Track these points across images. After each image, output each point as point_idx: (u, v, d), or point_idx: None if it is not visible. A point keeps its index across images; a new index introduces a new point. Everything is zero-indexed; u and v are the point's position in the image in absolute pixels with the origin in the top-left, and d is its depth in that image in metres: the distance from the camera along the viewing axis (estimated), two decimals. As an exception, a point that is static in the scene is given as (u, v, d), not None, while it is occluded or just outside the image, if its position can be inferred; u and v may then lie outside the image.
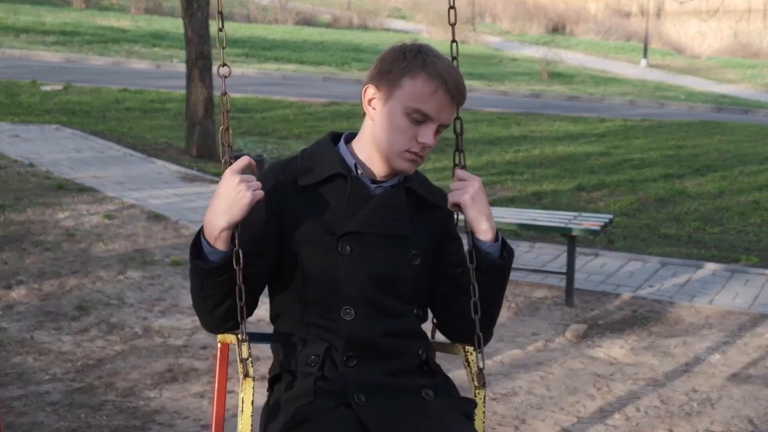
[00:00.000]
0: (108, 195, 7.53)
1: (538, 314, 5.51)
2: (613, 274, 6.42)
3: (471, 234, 2.04)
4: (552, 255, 6.87)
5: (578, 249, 6.59)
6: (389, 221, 2.03)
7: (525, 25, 39.04)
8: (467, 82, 2.09)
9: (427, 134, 2.00)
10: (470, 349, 2.13)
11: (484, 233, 2.03)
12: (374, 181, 2.08)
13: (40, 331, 4.68)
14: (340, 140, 2.13)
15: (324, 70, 21.97)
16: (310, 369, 1.98)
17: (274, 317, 2.11)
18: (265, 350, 4.36)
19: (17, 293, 5.18)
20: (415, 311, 2.09)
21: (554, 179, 10.37)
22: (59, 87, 14.10)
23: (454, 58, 2.08)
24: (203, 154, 10.09)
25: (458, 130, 2.11)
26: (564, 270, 5.75)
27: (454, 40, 2.12)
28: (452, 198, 2.02)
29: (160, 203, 7.41)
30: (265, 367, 3.97)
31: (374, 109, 2.03)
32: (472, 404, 2.09)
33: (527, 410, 4.06)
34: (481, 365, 2.07)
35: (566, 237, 5.68)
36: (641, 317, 5.51)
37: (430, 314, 2.21)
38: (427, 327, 2.19)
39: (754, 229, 8.44)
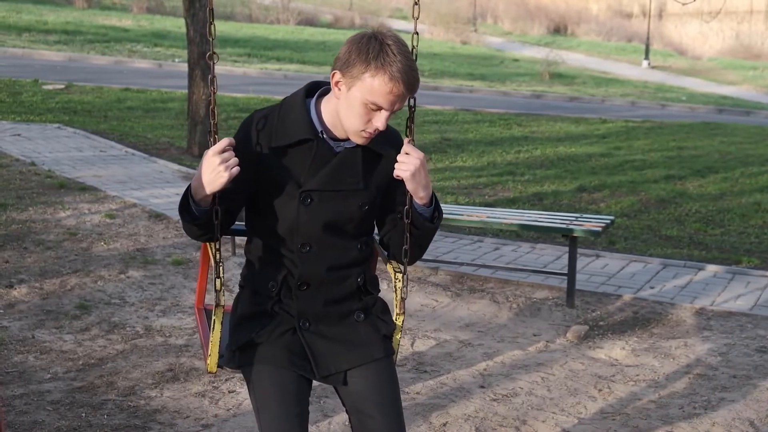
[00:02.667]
0: (109, 194, 7.54)
1: (539, 315, 5.50)
2: (615, 275, 6.42)
3: (410, 196, 2.43)
4: (553, 256, 6.87)
5: (579, 250, 6.59)
6: (345, 178, 2.42)
7: (526, 26, 39.07)
8: (469, 83, 2.16)
9: (380, 121, 2.32)
10: (399, 277, 2.57)
11: (421, 199, 2.42)
12: (336, 139, 2.42)
13: (42, 330, 4.68)
14: (314, 94, 2.45)
15: (326, 71, 21.94)
16: (269, 292, 2.45)
17: (248, 228, 2.53)
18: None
19: (18, 292, 5.18)
20: (359, 246, 2.50)
21: (555, 180, 10.37)
22: (61, 86, 14.11)
23: (412, 48, 2.36)
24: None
25: (411, 105, 2.43)
26: (565, 271, 5.74)
27: (415, 32, 2.46)
28: (396, 171, 2.37)
29: (161, 202, 7.41)
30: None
31: (339, 90, 2.34)
32: (392, 327, 2.55)
33: (528, 411, 4.06)
34: (404, 296, 2.56)
35: (567, 238, 5.68)
36: (642, 318, 5.51)
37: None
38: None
39: (755, 231, 8.44)
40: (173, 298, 5.31)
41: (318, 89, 2.47)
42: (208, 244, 2.69)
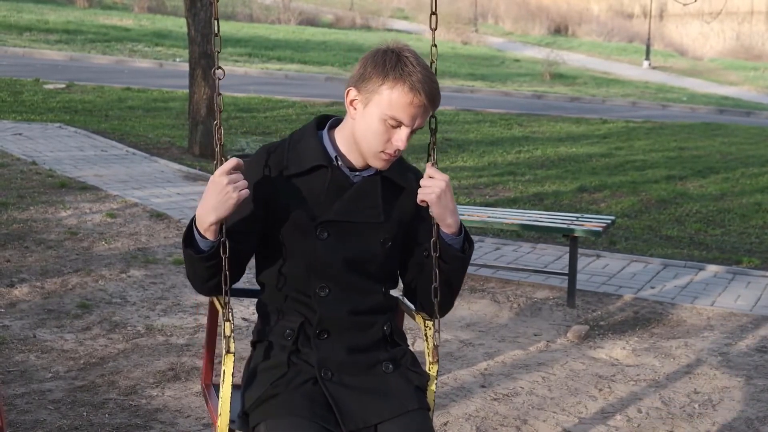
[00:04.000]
0: (110, 193, 7.54)
1: (540, 315, 5.51)
2: (615, 275, 6.42)
3: (436, 226, 2.22)
4: (554, 256, 6.87)
5: (580, 250, 6.59)
6: (364, 210, 2.23)
7: (527, 26, 39.07)
8: (470, 83, 2.14)
9: (400, 139, 2.16)
10: (429, 324, 2.33)
11: (449, 227, 2.21)
12: (353, 169, 2.26)
13: (43, 329, 4.68)
14: (325, 126, 2.30)
15: (326, 70, 21.99)
16: (285, 342, 2.22)
17: (259, 282, 2.33)
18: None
19: (20, 291, 5.19)
20: (383, 289, 2.30)
21: (556, 180, 10.37)
22: (62, 85, 14.12)
23: (432, 62, 2.22)
24: (206, 153, 10.10)
25: (433, 127, 2.26)
26: (566, 271, 5.75)
27: (434, 44, 2.26)
28: (420, 195, 2.19)
29: (162, 202, 7.42)
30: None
31: (355, 109, 2.19)
32: (425, 378, 2.29)
33: (529, 411, 4.06)
34: (437, 342, 2.30)
35: (568, 238, 5.68)
36: (643, 318, 5.51)
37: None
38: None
39: (756, 231, 8.44)
40: (174, 297, 5.32)
41: (328, 121, 2.32)
42: (215, 299, 2.41)
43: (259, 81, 18.22)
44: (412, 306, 2.41)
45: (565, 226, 5.66)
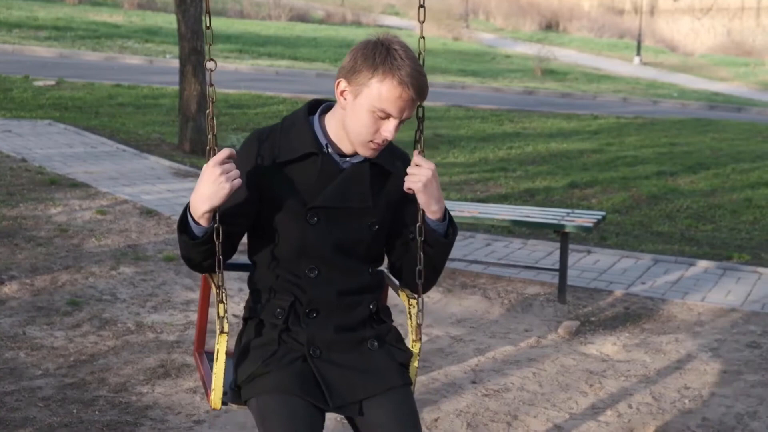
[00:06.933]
0: (100, 190, 7.52)
1: (531, 311, 5.51)
2: (606, 271, 6.43)
3: (421, 212, 2.32)
4: (545, 252, 6.88)
5: (571, 246, 6.60)
6: (353, 195, 2.32)
7: (518, 22, 39.09)
8: (461, 79, 2.15)
9: (389, 130, 2.25)
10: (413, 302, 2.45)
11: (433, 213, 2.32)
12: (342, 155, 2.34)
13: (33, 327, 4.67)
14: (317, 111, 2.38)
15: (317, 66, 21.95)
16: (276, 321, 2.34)
17: (251, 258, 2.43)
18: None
19: (9, 288, 5.17)
20: (370, 270, 2.42)
21: (547, 176, 10.39)
22: (52, 82, 14.05)
23: (419, 53, 2.28)
24: (196, 150, 10.07)
25: (420, 116, 2.34)
26: (557, 267, 5.75)
27: (422, 36, 2.32)
28: (407, 183, 2.28)
29: (152, 198, 7.40)
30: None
31: (345, 99, 2.27)
32: (408, 354, 2.43)
33: (519, 406, 4.07)
34: (420, 321, 2.43)
35: (559, 234, 5.69)
36: (633, 314, 5.52)
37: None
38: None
39: (746, 227, 8.46)
40: (165, 294, 5.31)
41: (319, 106, 2.40)
42: (208, 275, 2.51)
43: (249, 77, 18.18)
44: (397, 282, 2.54)
45: (556, 222, 5.67)
